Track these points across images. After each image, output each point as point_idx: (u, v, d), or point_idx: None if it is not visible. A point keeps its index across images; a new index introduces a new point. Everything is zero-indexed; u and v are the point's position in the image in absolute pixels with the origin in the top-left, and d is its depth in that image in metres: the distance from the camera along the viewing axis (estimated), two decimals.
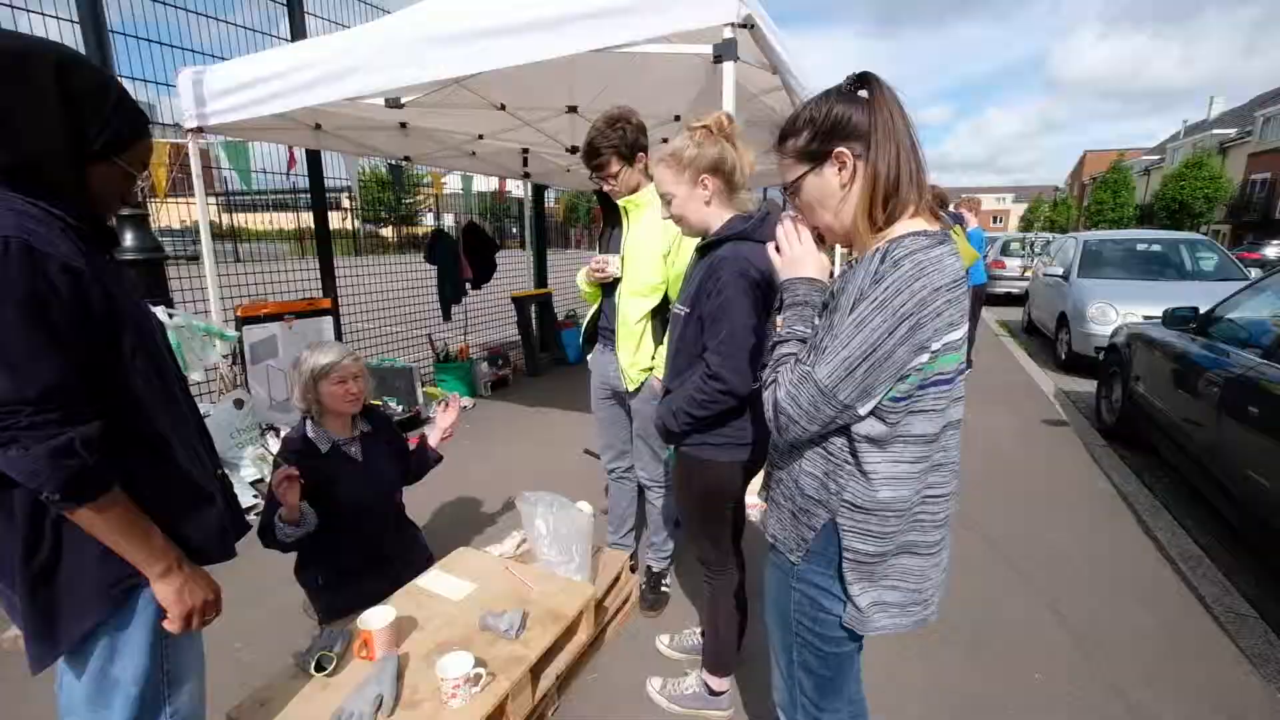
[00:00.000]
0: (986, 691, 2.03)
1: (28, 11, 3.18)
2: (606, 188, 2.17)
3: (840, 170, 1.03)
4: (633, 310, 2.17)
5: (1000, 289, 12.26)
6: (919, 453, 1.02)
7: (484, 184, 6.69)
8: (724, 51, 2.06)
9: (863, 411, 0.99)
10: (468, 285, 6.12)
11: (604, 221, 2.41)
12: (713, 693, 1.90)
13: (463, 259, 5.98)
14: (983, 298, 6.57)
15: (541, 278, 7.54)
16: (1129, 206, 34.35)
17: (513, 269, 7.34)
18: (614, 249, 2.28)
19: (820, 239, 1.15)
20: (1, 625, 2.37)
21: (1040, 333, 8.46)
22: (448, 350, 5.79)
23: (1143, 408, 4.02)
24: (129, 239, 3.11)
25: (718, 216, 1.60)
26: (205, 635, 1.24)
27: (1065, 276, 7.18)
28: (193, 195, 3.69)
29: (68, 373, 0.92)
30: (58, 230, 0.95)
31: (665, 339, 2.14)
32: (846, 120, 1.01)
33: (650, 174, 2.21)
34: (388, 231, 10.94)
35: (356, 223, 6.92)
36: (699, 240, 1.68)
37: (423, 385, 5.15)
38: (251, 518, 3.31)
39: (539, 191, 7.33)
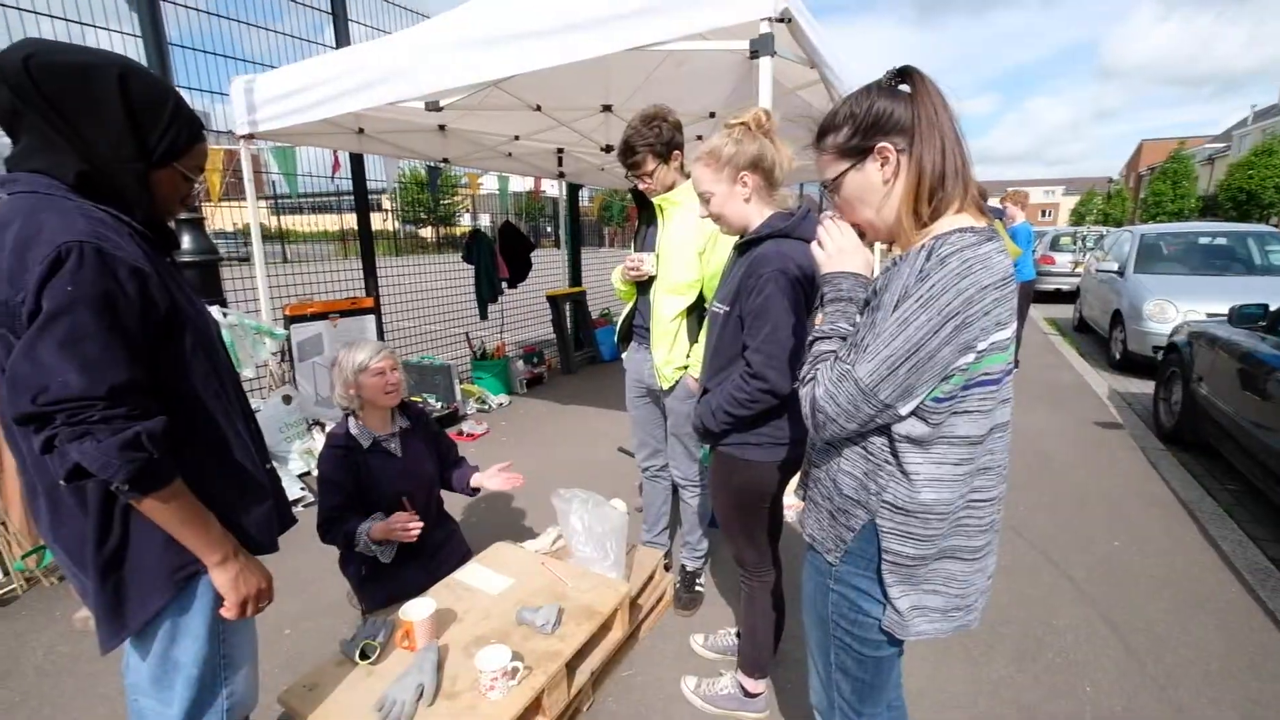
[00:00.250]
0: (1033, 702, 1.96)
1: (95, 27, 3.36)
2: (642, 186, 2.17)
3: (882, 166, 1.01)
4: (667, 308, 2.17)
5: (1049, 285, 11.80)
6: (963, 455, 0.99)
7: (520, 184, 6.77)
8: (760, 47, 2.04)
9: (904, 411, 0.96)
10: (504, 284, 6.21)
11: (639, 219, 2.41)
12: (748, 694, 1.89)
13: (499, 258, 6.08)
14: (1030, 295, 6.33)
15: (576, 276, 7.60)
16: (1190, 198, 32.51)
17: (547, 268, 7.41)
18: (649, 247, 2.28)
19: (861, 236, 1.13)
20: (74, 606, 2.52)
21: (1092, 331, 8.11)
22: (485, 348, 5.89)
23: (1205, 410, 3.81)
24: (186, 241, 3.26)
25: (757, 214, 1.58)
26: (257, 622, 1.29)
27: (1120, 272, 6.86)
28: (244, 199, 3.85)
29: (135, 371, 0.96)
30: (126, 234, 1.01)
31: (702, 337, 2.14)
32: (888, 115, 0.99)
33: (686, 172, 2.21)
34: (427, 232, 11.18)
35: (396, 224, 7.09)
36: (737, 238, 1.66)
37: (460, 383, 5.25)
38: (299, 510, 3.45)
39: (574, 191, 7.38)
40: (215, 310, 3.30)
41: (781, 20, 2.04)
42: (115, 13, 3.34)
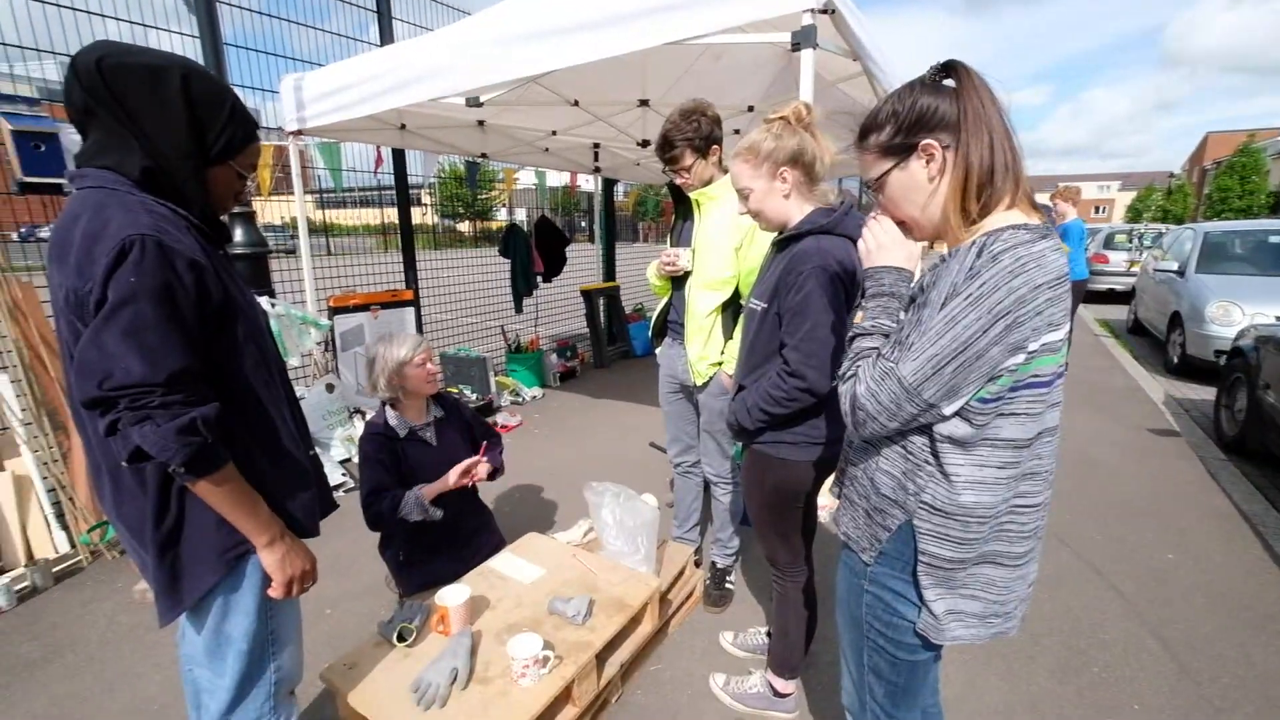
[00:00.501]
0: (1075, 717, 1.89)
1: (156, 29, 3.51)
2: (679, 181, 2.16)
3: (928, 163, 0.99)
4: (702, 304, 2.16)
5: (1102, 285, 11.31)
6: (1007, 458, 0.96)
7: (555, 179, 6.83)
8: (802, 39, 2.00)
9: (948, 411, 0.94)
10: (539, 278, 6.27)
11: (675, 214, 2.40)
12: (778, 694, 1.87)
13: (535, 252, 6.14)
14: (1082, 294, 6.08)
15: (610, 271, 7.62)
16: (1261, 193, 30.56)
17: (581, 263, 7.46)
18: (684, 242, 2.27)
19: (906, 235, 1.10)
20: (134, 579, 2.66)
21: (1148, 333, 7.75)
22: (519, 341, 5.97)
23: (1273, 418, 3.60)
24: (238, 234, 3.39)
25: (798, 210, 1.55)
26: (301, 602, 1.34)
27: (1180, 272, 6.52)
28: (291, 194, 3.98)
29: (191, 359, 1.01)
30: (184, 229, 1.05)
31: (737, 334, 2.12)
32: (932, 111, 0.97)
33: (724, 167, 2.19)
34: (464, 226, 11.37)
35: (435, 218, 7.23)
36: (775, 234, 1.64)
37: (495, 375, 5.33)
38: (340, 495, 3.56)
39: (609, 186, 7.39)
40: (264, 300, 3.43)
41: (824, 11, 2.00)
42: (175, 14, 3.49)
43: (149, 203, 1.03)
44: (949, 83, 0.98)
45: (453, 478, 2.11)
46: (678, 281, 2.31)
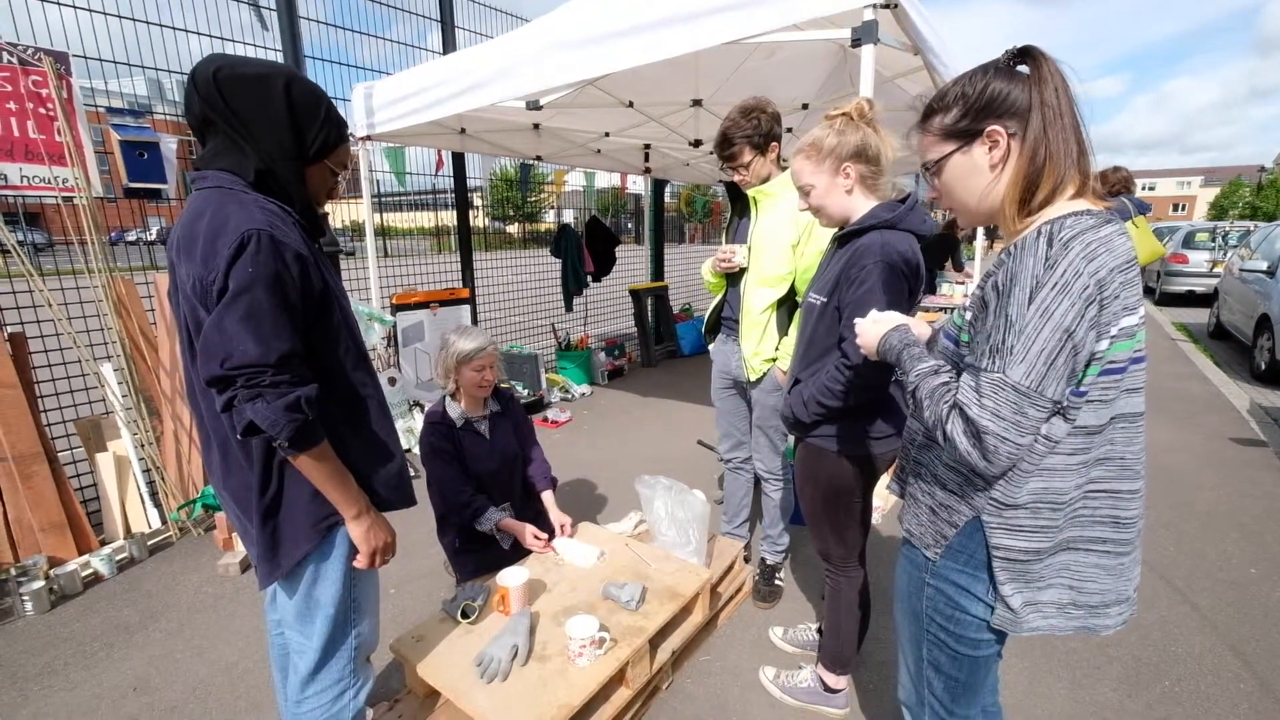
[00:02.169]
0: None
1: (240, 43, 3.77)
2: (737, 178, 2.18)
3: (991, 150, 0.98)
4: (758, 300, 2.18)
5: (1180, 287, 10.63)
6: (1078, 444, 0.95)
7: (603, 181, 6.94)
8: (863, 34, 1.99)
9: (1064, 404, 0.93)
10: (589, 277, 6.38)
11: (731, 211, 2.42)
12: (828, 689, 1.87)
13: (585, 252, 6.25)
14: None
15: (659, 271, 7.67)
16: None
17: (628, 263, 7.54)
18: (740, 239, 2.29)
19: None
20: (217, 555, 2.87)
21: (1232, 337, 7.25)
22: (569, 339, 6.08)
23: None
24: None
25: (860, 205, 1.56)
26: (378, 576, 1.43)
27: (1271, 272, 6.08)
28: (349, 198, 4.18)
29: (296, 342, 1.11)
30: (290, 224, 1.16)
31: (792, 330, 2.13)
32: (1003, 97, 0.96)
33: (782, 164, 2.20)
34: (513, 228, 11.65)
35: (486, 220, 7.44)
36: (835, 230, 1.65)
37: (545, 371, 5.46)
38: None
39: (659, 186, 7.44)
40: None
41: (887, 6, 1.98)
42: (249, 28, 3.73)
43: (261, 200, 1.13)
44: (1023, 69, 0.97)
45: (528, 540, 2.24)
46: (733, 278, 2.33)
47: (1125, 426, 0.97)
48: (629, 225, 11.85)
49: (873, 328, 1.19)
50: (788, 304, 2.18)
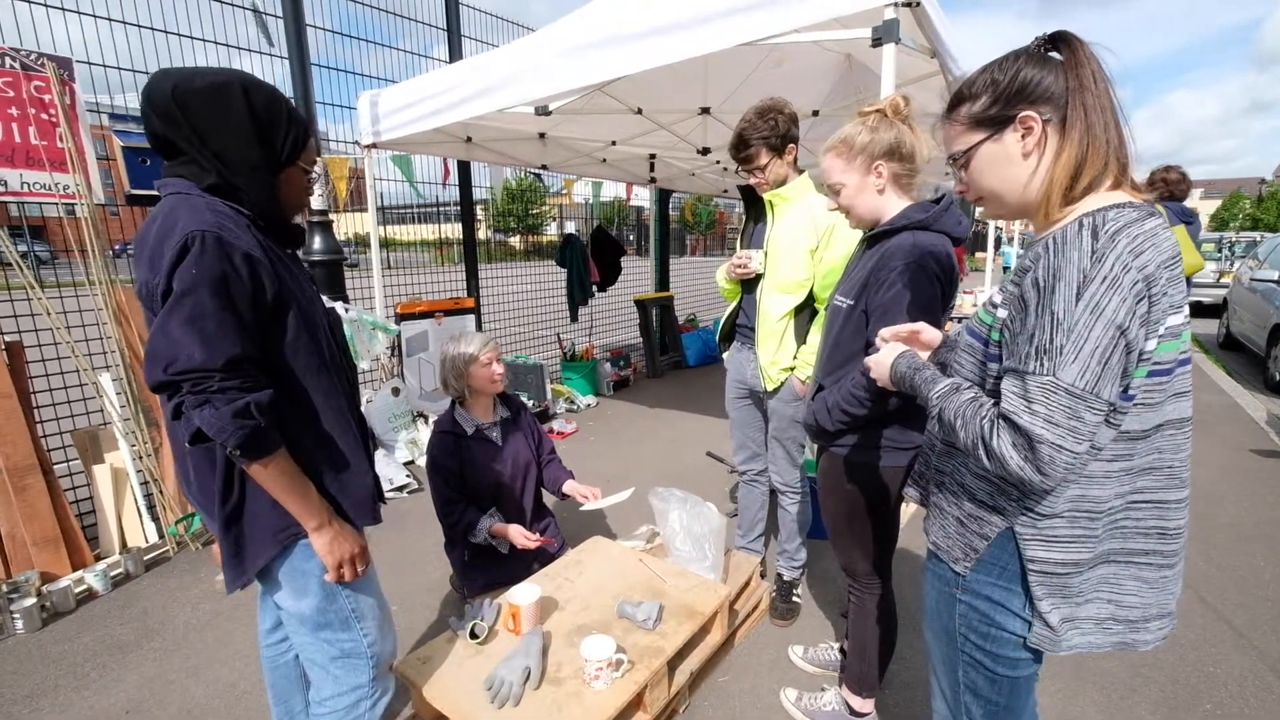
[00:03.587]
0: None
1: (249, 51, 3.76)
2: (753, 181, 2.13)
3: (1024, 137, 0.92)
4: (775, 307, 2.11)
5: (1190, 297, 10.56)
6: (1119, 450, 0.89)
7: (607, 193, 6.95)
8: (884, 33, 1.94)
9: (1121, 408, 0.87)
10: (594, 287, 6.33)
11: (746, 216, 2.36)
12: (854, 713, 1.78)
13: (590, 262, 6.21)
14: None
15: (664, 281, 7.63)
16: None
17: (632, 274, 7.50)
18: (756, 244, 2.23)
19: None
20: (215, 569, 2.79)
21: (1243, 348, 7.18)
22: (574, 350, 6.02)
23: None
24: (317, 242, 3.56)
25: (891, 205, 1.50)
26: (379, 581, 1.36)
27: None
28: (353, 210, 4.14)
29: (246, 346, 1.05)
30: (244, 225, 1.11)
31: (812, 337, 2.06)
32: (1035, 83, 0.91)
33: (799, 167, 2.15)
34: (515, 241, 11.69)
35: (489, 232, 7.44)
36: (862, 232, 1.58)
37: (550, 382, 5.39)
38: (404, 496, 3.64)
39: (664, 196, 7.42)
40: (338, 305, 3.57)
41: (908, 4, 1.94)
42: (255, 38, 3.72)
43: (215, 204, 1.09)
44: (1056, 55, 0.92)
45: (518, 540, 2.17)
46: (748, 284, 2.27)
47: (1173, 433, 0.91)
48: (630, 238, 11.87)
49: (884, 359, 1.15)
50: (806, 311, 2.12)
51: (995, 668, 1.03)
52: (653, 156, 5.87)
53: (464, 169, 5.04)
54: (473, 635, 1.73)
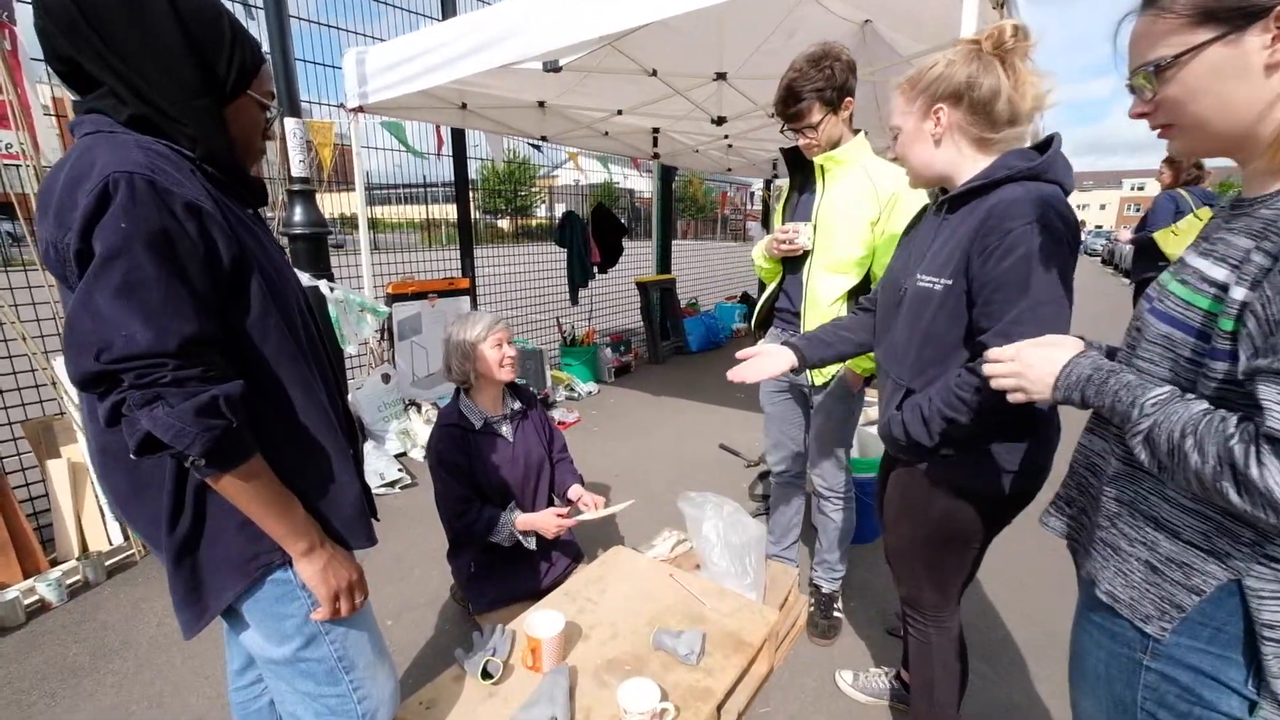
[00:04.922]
0: None
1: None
2: (803, 142, 1.83)
3: (1274, 41, 0.66)
4: (827, 289, 1.84)
5: None
6: None
7: (597, 178, 6.64)
8: None
9: None
10: (595, 268, 6.04)
11: (790, 185, 2.07)
12: None
13: (591, 242, 5.90)
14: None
15: (665, 263, 7.33)
16: None
17: (631, 255, 7.20)
18: (803, 216, 1.94)
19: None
20: None
21: None
22: (574, 334, 5.74)
23: None
24: (298, 214, 3.22)
25: (950, 162, 1.21)
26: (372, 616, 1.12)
27: None
28: (339, 189, 3.81)
29: (205, 324, 0.80)
30: (187, 171, 0.84)
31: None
32: None
33: (854, 126, 1.86)
34: (504, 223, 11.38)
35: (477, 214, 7.12)
36: (933, 194, 1.30)
37: (550, 369, 5.11)
38: (396, 492, 3.36)
39: (667, 173, 7.11)
40: (322, 285, 3.25)
41: None
42: None
43: (147, 142, 0.82)
44: None
45: (550, 528, 1.93)
46: (792, 263, 1.98)
47: None
48: (623, 220, 11.55)
49: (1042, 357, 0.88)
50: (862, 293, 1.85)
51: None
52: (655, 131, 5.54)
53: (459, 140, 4.69)
54: (485, 675, 1.46)
